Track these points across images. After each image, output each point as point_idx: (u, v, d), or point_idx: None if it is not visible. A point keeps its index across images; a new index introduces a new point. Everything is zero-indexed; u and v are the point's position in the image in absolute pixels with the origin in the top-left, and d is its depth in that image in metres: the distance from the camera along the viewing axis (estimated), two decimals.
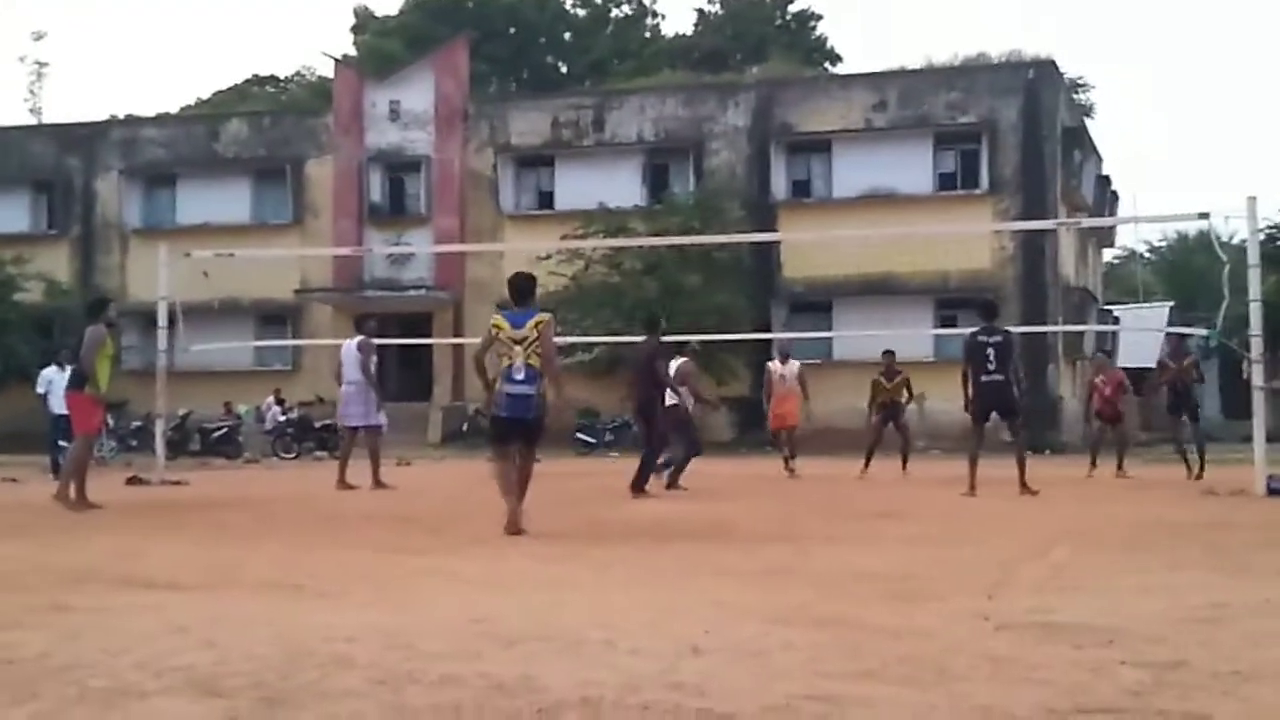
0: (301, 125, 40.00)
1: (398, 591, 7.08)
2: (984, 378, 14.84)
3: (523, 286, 10.44)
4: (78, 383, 13.34)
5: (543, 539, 9.78)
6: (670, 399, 15.63)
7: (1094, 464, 19.61)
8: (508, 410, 10.10)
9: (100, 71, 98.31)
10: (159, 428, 18.81)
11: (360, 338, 17.21)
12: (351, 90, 38.78)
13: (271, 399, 31.29)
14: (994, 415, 15.20)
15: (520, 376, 9.97)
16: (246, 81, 60.72)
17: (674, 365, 16.39)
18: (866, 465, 19.27)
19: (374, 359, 17.20)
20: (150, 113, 50.99)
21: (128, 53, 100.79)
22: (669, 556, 8.74)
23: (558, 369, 10.48)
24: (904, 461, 19.80)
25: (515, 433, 10.30)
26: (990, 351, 14.83)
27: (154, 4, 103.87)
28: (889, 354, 20.57)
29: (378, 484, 16.43)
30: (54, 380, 19.67)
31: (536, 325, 10.02)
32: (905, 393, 20.06)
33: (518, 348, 9.98)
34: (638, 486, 14.53)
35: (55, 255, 39.21)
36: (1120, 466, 19.32)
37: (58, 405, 18.91)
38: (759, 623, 5.83)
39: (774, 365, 20.12)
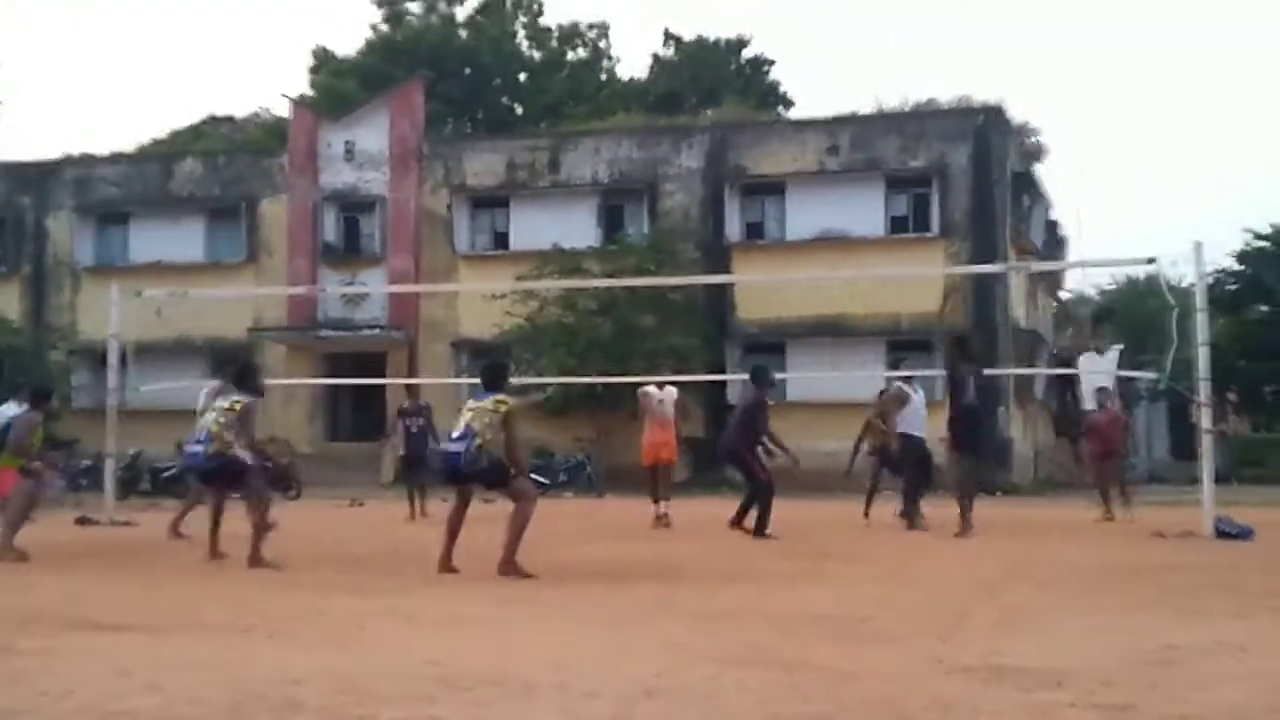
0: (256, 164, 39.83)
1: (349, 633, 7.03)
2: (964, 404, 15.12)
3: (491, 374, 10.96)
4: None
5: (497, 581, 9.74)
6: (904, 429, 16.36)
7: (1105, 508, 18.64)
8: (444, 463, 10.59)
9: (54, 109, 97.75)
10: (109, 467, 18.62)
11: (218, 382, 15.00)
12: (307, 130, 38.69)
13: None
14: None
15: (456, 435, 10.34)
16: (203, 121, 60.42)
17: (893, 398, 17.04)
18: (868, 510, 17.92)
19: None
20: (105, 151, 50.72)
21: (83, 90, 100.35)
22: (624, 598, 8.72)
23: (520, 459, 10.64)
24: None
25: (460, 482, 10.62)
26: (970, 380, 15.21)
27: (111, 42, 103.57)
28: (884, 394, 19.39)
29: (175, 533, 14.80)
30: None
31: (497, 403, 10.33)
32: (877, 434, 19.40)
33: (468, 413, 10.33)
34: (749, 525, 14.73)
35: (6, 293, 38.78)
36: (1106, 508, 18.61)
37: None
38: (713, 664, 5.83)
39: (651, 390, 17.87)
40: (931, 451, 16.91)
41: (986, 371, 27.17)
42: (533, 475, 17.87)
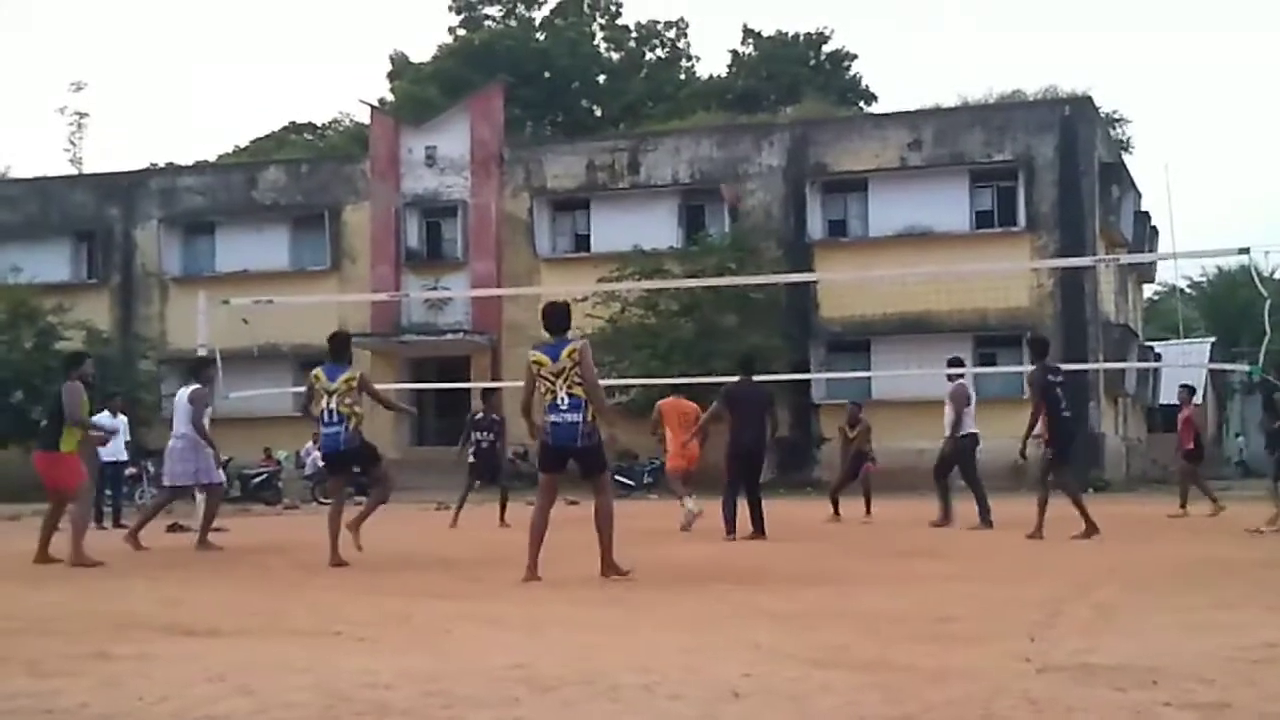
0: (338, 172, 40.27)
1: (436, 637, 7.06)
2: (1061, 417, 14.38)
3: (553, 317, 10.41)
4: (50, 442, 12.32)
5: (582, 584, 9.75)
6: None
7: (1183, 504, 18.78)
8: (554, 439, 9.90)
9: (139, 121, 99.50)
10: None
11: (195, 386, 14.98)
12: (388, 136, 39.04)
13: (311, 444, 31.36)
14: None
15: (565, 405, 9.80)
16: (284, 129, 61.19)
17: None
18: (836, 509, 18.44)
19: (208, 410, 15.08)
20: (188, 161, 51.50)
21: (166, 102, 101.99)
22: (707, 599, 8.70)
23: (601, 397, 10.16)
24: (867, 506, 18.51)
25: (564, 461, 10.10)
26: (1059, 390, 14.49)
27: (192, 54, 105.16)
28: (854, 405, 19.50)
29: (204, 544, 14.19)
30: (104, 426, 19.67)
31: (570, 354, 9.87)
32: (868, 442, 18.95)
33: (558, 380, 9.84)
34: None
35: (96, 304, 39.43)
36: (1182, 505, 18.76)
37: (107, 453, 19.05)
38: (798, 666, 5.79)
39: (669, 404, 17.81)
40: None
41: (1075, 367, 26.96)
42: (616, 477, 17.83)
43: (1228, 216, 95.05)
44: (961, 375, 17.08)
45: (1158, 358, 41.64)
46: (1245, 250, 15.68)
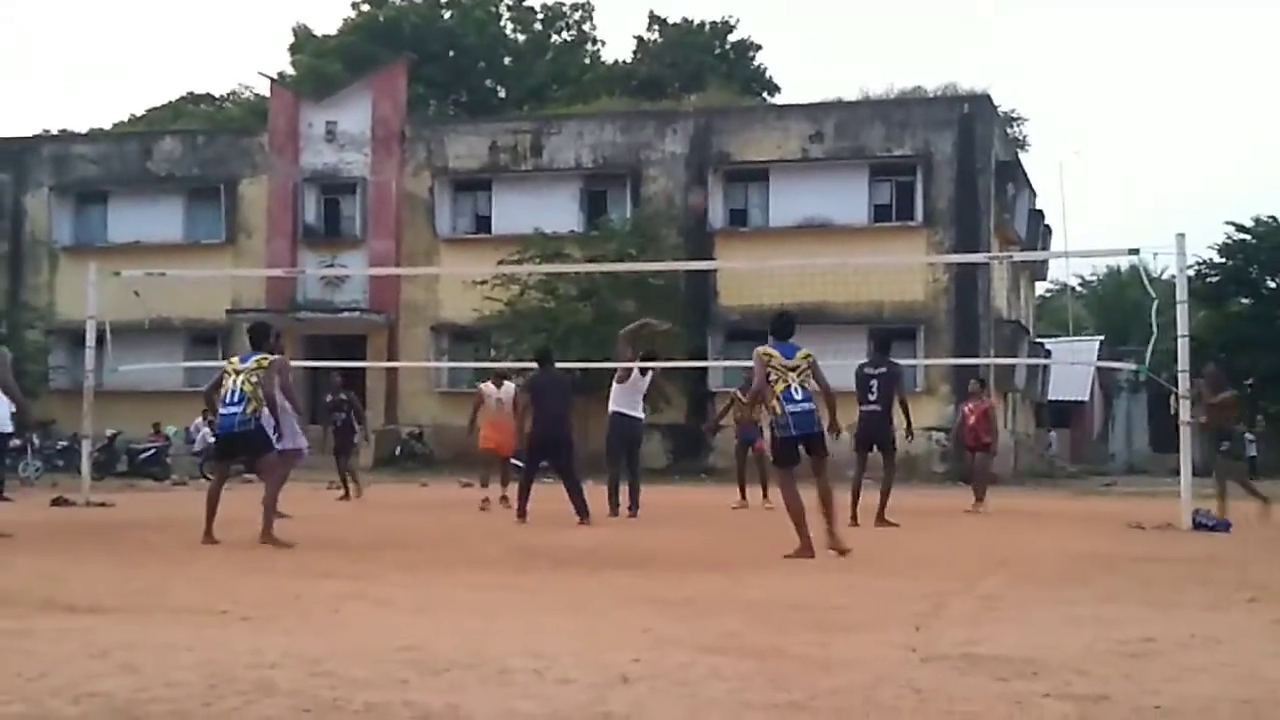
0: (236, 144, 39.71)
1: (324, 617, 7.01)
2: (863, 407, 15.30)
3: (787, 323, 11.57)
4: None
5: (470, 566, 9.73)
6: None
7: (978, 498, 18.39)
8: (796, 428, 10.60)
9: (32, 86, 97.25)
10: (85, 448, 18.54)
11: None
12: (288, 110, 38.55)
13: (200, 420, 30.91)
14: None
15: (799, 396, 10.65)
16: (181, 99, 60.19)
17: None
18: (743, 494, 18.38)
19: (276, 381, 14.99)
20: (83, 128, 50.49)
21: (61, 67, 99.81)
22: (600, 584, 8.71)
23: (833, 397, 11.09)
24: (764, 490, 18.16)
25: (799, 449, 10.72)
26: (873, 383, 15.27)
27: (88, 19, 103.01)
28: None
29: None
30: None
31: (805, 358, 10.94)
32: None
33: (792, 374, 10.72)
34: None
35: None
36: (978, 499, 18.30)
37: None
38: (688, 652, 5.82)
39: (488, 387, 18.02)
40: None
41: (966, 361, 27.35)
42: (511, 460, 17.84)
43: (1119, 217, 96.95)
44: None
45: (1048, 354, 42.39)
46: (1135, 251, 15.97)
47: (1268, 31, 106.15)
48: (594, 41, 63.13)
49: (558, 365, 16.74)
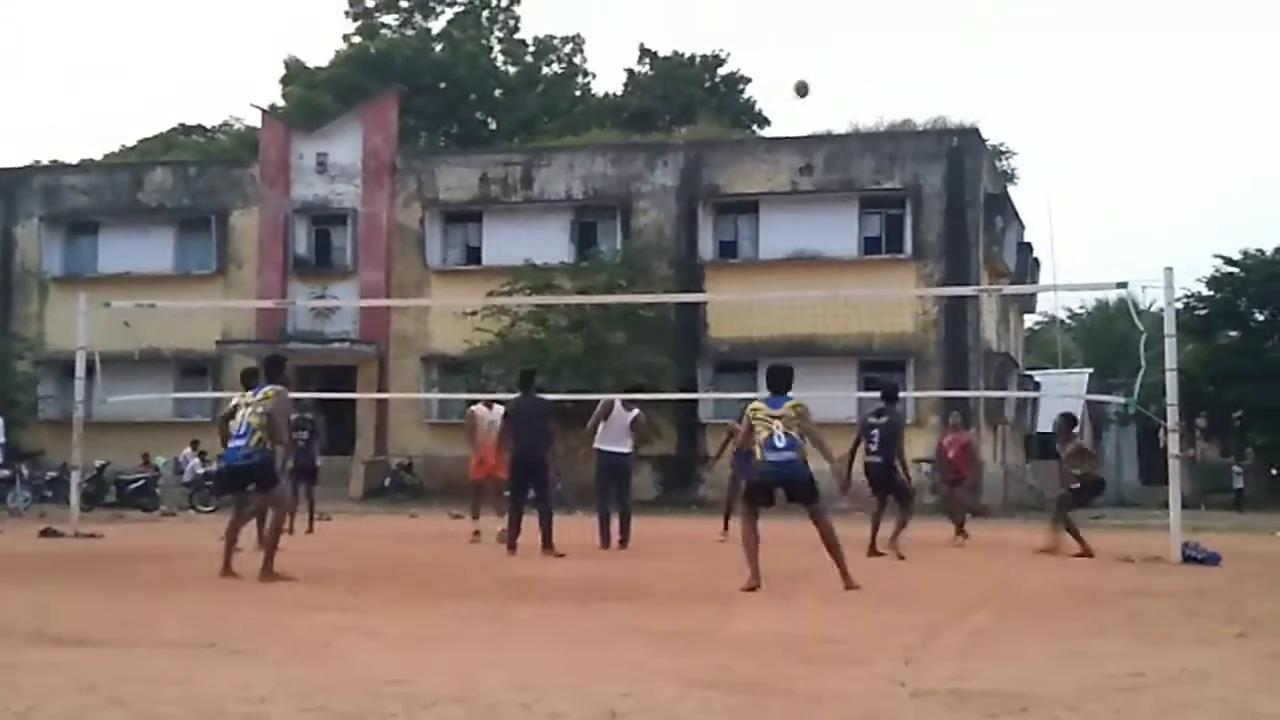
0: (227, 175, 39.72)
1: (314, 650, 6.99)
2: (867, 458, 15.42)
3: (779, 377, 11.27)
4: None
5: (462, 599, 9.71)
6: None
7: (959, 530, 18.13)
8: (775, 474, 10.68)
9: (23, 117, 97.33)
10: (74, 479, 18.46)
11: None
12: (278, 141, 38.61)
13: (189, 451, 30.85)
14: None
15: (782, 444, 10.60)
16: (173, 130, 60.21)
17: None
18: (727, 525, 17.81)
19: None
20: (74, 159, 50.53)
21: (52, 98, 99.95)
22: (590, 617, 8.70)
23: (830, 452, 11.11)
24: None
25: (775, 494, 10.86)
26: (874, 433, 15.43)
27: (80, 49, 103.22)
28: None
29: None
30: None
31: (793, 408, 10.78)
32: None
33: (776, 422, 10.68)
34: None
35: None
36: (958, 531, 18.06)
37: None
38: (677, 686, 5.81)
39: (480, 410, 17.55)
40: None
41: (956, 394, 27.41)
42: (507, 492, 17.71)
43: (1107, 250, 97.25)
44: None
45: (1037, 386, 42.45)
46: (1123, 284, 16.04)
47: (1254, 66, 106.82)
48: (585, 74, 63.40)
49: (545, 396, 16.72)
